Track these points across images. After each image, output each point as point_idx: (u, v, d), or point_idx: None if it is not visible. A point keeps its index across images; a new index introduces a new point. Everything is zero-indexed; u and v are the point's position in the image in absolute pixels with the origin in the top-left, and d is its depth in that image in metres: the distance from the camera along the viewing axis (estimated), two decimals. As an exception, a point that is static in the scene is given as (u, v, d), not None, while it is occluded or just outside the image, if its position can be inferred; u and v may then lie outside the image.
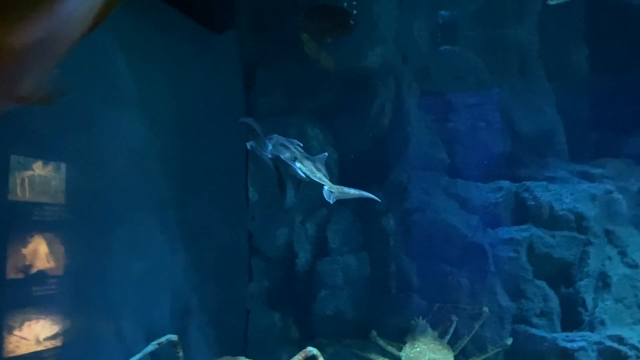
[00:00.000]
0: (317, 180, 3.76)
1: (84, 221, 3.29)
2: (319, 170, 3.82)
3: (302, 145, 4.04)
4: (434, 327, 5.18)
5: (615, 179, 6.29)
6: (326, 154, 4.03)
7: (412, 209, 5.90)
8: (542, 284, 5.37)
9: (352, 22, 4.27)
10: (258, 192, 5.73)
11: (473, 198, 5.89)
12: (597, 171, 6.26)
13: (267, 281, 5.75)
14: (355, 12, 5.62)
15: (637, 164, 7.09)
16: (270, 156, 3.93)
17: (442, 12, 6.38)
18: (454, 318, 5.25)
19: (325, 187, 3.75)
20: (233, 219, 5.53)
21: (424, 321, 5.21)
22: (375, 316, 5.63)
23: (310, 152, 5.77)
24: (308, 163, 3.81)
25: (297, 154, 3.80)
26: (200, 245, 4.80)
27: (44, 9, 1.04)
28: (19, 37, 0.98)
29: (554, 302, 5.29)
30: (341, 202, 6.13)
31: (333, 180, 6.12)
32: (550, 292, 5.34)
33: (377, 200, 3.98)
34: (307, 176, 3.78)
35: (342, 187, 3.80)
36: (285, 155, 3.87)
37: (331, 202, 3.74)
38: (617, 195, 5.64)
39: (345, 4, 5.60)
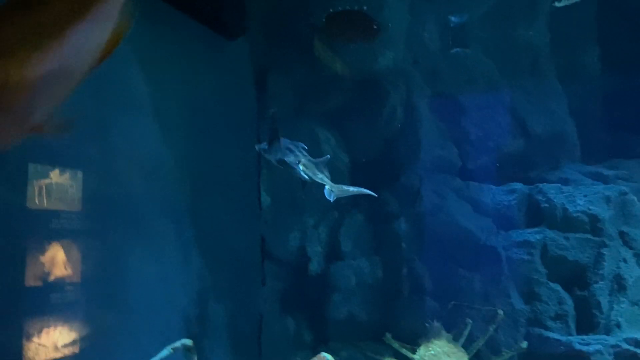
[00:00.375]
0: (319, 181, 3.95)
1: (100, 228, 3.33)
2: (321, 172, 4.00)
3: (306, 148, 4.13)
4: (448, 330, 5.17)
5: (629, 180, 6.25)
6: (328, 156, 4.17)
7: (424, 212, 5.90)
8: (557, 286, 5.34)
9: (375, 27, 4.32)
10: (270, 197, 5.75)
11: (486, 200, 5.87)
12: (611, 172, 6.23)
13: (280, 285, 5.77)
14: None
15: (650, 165, 7.04)
16: (277, 159, 4.04)
17: (453, 15, 6.37)
18: (469, 321, 5.23)
19: (327, 187, 3.93)
20: (246, 223, 5.56)
21: (439, 324, 5.20)
22: (388, 319, 5.63)
23: (321, 156, 5.81)
24: (311, 165, 3.99)
25: (301, 157, 3.97)
26: (213, 249, 4.83)
27: (55, 44, 1.07)
28: (31, 71, 1.01)
29: (569, 305, 5.26)
30: (353, 206, 6.21)
31: (345, 183, 6.19)
32: (564, 295, 5.31)
33: (373, 195, 4.21)
34: (310, 177, 3.96)
35: (341, 185, 4.04)
36: (290, 159, 3.99)
37: (331, 200, 3.94)
38: (631, 196, 5.60)
39: (356, 7, 5.62)
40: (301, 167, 3.97)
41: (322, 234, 5.88)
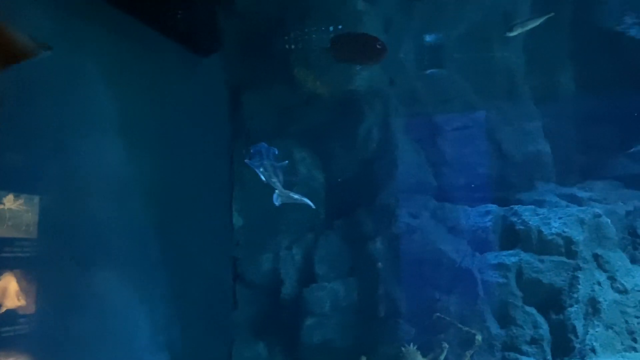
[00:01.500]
0: (272, 185, 4.22)
1: (58, 255, 3.16)
2: (276, 176, 4.25)
3: (277, 153, 4.31)
4: (424, 355, 5.09)
5: (603, 202, 6.27)
6: (286, 162, 4.32)
7: (400, 234, 5.82)
8: (532, 310, 5.30)
9: (378, 47, 4.33)
10: (243, 217, 5.62)
11: (461, 222, 5.83)
12: (585, 194, 6.25)
13: (251, 309, 5.61)
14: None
15: (624, 186, 7.10)
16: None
17: (429, 36, 6.37)
18: (445, 345, 5.15)
19: (276, 191, 4.22)
20: (217, 244, 5.41)
21: (414, 348, 5.12)
22: (363, 344, 5.50)
23: (296, 176, 5.71)
24: (269, 168, 4.25)
25: (264, 160, 4.24)
26: (182, 273, 4.67)
27: None
28: None
29: (544, 329, 5.21)
30: (328, 227, 6.10)
31: (321, 203, 6.10)
32: (540, 319, 5.26)
33: (311, 207, 4.44)
34: (266, 179, 4.24)
35: (289, 192, 4.31)
36: (255, 162, 4.27)
37: (277, 204, 4.27)
38: (605, 219, 5.61)
39: (332, 28, 5.58)
40: (261, 169, 4.24)
41: (296, 255, 5.75)
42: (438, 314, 5.32)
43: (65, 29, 3.32)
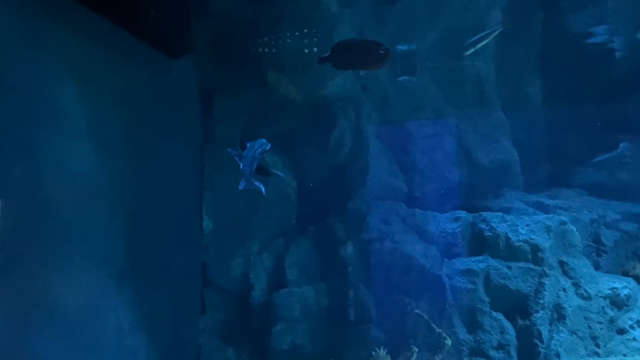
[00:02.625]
0: (242, 172, 4.49)
1: (19, 259, 3.06)
2: (249, 165, 4.51)
3: (264, 143, 4.60)
4: (393, 359, 5.11)
5: (569, 210, 6.42)
6: (264, 149, 4.57)
7: (371, 239, 5.85)
8: (499, 315, 5.37)
9: (381, 52, 4.33)
10: (213, 221, 5.56)
11: (431, 228, 5.89)
12: (552, 202, 6.39)
13: (220, 314, 5.55)
14: (315, 40, 5.61)
15: (589, 194, 7.29)
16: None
17: (401, 44, 6.43)
18: (414, 349, 5.19)
19: (242, 178, 4.49)
20: (186, 249, 5.33)
21: (385, 352, 5.15)
22: (333, 349, 5.50)
23: (267, 180, 5.67)
24: (247, 157, 4.53)
25: (247, 152, 4.55)
26: (150, 277, 4.59)
27: None
28: None
29: (511, 335, 5.29)
30: (300, 232, 6.09)
31: (292, 208, 6.08)
32: (507, 324, 5.34)
33: (262, 192, 4.58)
34: (242, 167, 4.50)
35: (253, 179, 4.51)
36: (232, 151, 4.62)
37: (240, 188, 4.47)
38: (570, 226, 5.73)
39: (306, 31, 5.59)
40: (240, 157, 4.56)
41: (267, 260, 5.72)
42: (417, 310, 5.35)
43: (30, 27, 3.24)
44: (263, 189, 4.56)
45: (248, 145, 4.57)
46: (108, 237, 4.04)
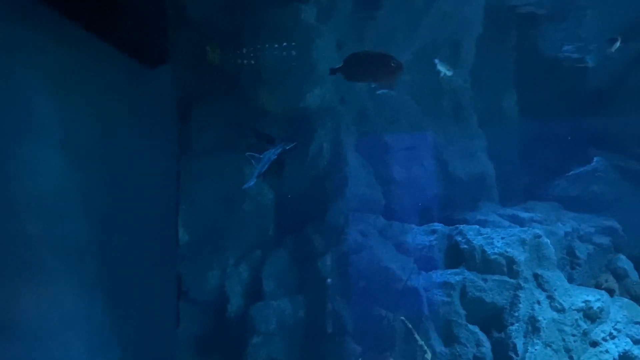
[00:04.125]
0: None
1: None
2: (262, 166, 4.69)
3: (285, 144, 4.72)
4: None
5: (544, 223, 6.52)
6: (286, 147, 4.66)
7: (348, 251, 5.84)
8: (475, 328, 5.39)
9: (393, 65, 4.35)
10: (189, 233, 5.49)
11: (408, 240, 5.91)
12: (526, 215, 6.47)
13: (196, 327, 5.46)
14: (294, 52, 5.63)
15: (563, 207, 7.42)
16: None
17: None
18: (390, 360, 5.21)
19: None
20: (161, 261, 5.24)
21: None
22: (309, 362, 5.47)
23: (245, 192, 5.64)
24: (263, 159, 4.73)
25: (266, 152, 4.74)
26: (122, 290, 4.49)
27: None
28: None
29: (486, 347, 5.31)
30: (277, 244, 6.06)
31: (270, 219, 6.04)
32: (482, 337, 5.36)
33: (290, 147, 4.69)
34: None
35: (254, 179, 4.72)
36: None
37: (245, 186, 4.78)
38: (545, 239, 5.80)
39: (285, 44, 5.60)
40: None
41: (244, 272, 5.67)
42: (402, 317, 5.34)
43: (3, 34, 3.17)
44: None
45: (270, 147, 4.74)
46: (79, 248, 3.95)
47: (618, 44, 5.47)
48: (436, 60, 5.59)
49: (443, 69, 5.97)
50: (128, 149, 4.61)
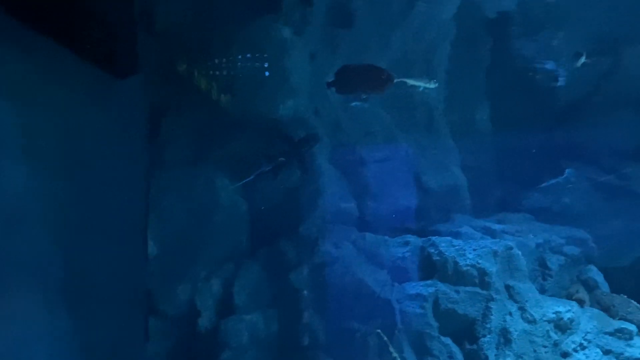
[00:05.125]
0: None
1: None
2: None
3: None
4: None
5: (516, 235, 6.56)
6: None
7: (322, 264, 5.81)
8: (448, 340, 5.39)
9: (383, 77, 4.37)
10: (158, 246, 5.40)
11: (381, 252, 5.90)
12: (498, 227, 6.52)
13: (165, 342, 5.36)
14: (267, 64, 5.62)
15: (535, 219, 7.49)
16: None
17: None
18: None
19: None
20: (129, 275, 5.13)
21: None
22: (281, 376, 5.40)
23: (217, 204, 5.57)
24: None
25: None
26: (88, 305, 4.37)
27: None
28: None
29: (459, 359, 5.31)
30: (250, 257, 5.99)
31: (243, 232, 5.96)
32: (455, 349, 5.36)
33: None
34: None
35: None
36: None
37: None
38: (516, 251, 5.85)
39: (258, 55, 5.58)
40: None
41: (215, 286, 5.58)
42: (378, 330, 5.30)
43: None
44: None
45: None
46: (41, 262, 3.84)
47: (583, 59, 5.56)
48: (407, 80, 5.63)
49: (421, 84, 5.99)
50: (94, 160, 4.51)
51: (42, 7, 3.66)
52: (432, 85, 5.98)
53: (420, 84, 5.97)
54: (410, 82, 5.64)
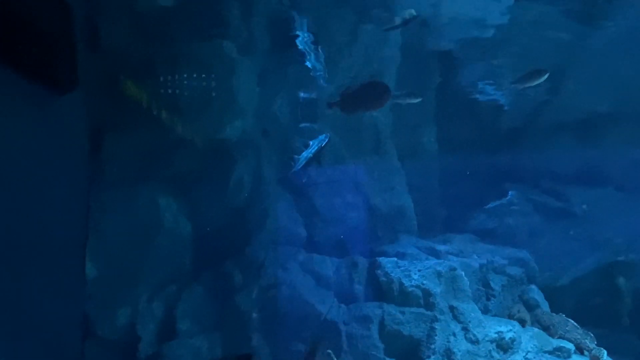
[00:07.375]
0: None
1: None
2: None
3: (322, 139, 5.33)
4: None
5: (460, 255, 6.69)
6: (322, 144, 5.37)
7: (268, 286, 5.74)
8: (393, 361, 5.40)
9: (381, 90, 4.39)
10: (97, 268, 5.20)
11: (328, 274, 5.89)
12: (443, 247, 6.63)
13: (102, 369, 5.14)
14: (214, 83, 5.57)
15: (479, 240, 7.67)
16: None
17: (302, 91, 6.55)
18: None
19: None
20: (65, 298, 4.90)
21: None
22: (225, 402, 5.25)
23: (160, 225, 5.44)
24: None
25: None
26: (18, 331, 4.14)
27: None
28: None
29: (404, 381, 5.32)
30: (194, 279, 5.85)
31: (187, 254, 5.85)
32: (400, 370, 5.37)
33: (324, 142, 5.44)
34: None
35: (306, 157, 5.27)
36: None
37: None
38: (460, 272, 5.95)
39: (204, 75, 5.53)
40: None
41: (157, 309, 5.41)
42: (329, 351, 5.24)
43: None
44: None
45: (311, 143, 5.19)
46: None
47: (524, 85, 5.83)
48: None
49: (404, 100, 6.12)
50: (29, 178, 4.32)
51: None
52: (415, 100, 6.13)
53: (405, 99, 6.12)
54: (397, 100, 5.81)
